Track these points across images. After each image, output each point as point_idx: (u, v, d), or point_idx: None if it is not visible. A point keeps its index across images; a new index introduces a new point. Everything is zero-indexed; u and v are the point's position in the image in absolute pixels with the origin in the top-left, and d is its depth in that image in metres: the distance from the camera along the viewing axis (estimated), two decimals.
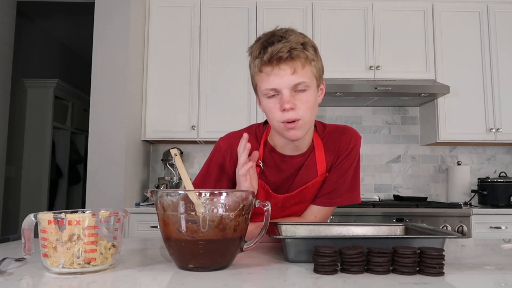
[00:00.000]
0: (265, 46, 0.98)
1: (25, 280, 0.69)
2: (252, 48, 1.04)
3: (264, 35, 1.03)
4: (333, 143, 1.16)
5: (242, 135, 1.10)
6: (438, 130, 2.98)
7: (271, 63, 0.97)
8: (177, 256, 0.76)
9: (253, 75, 1.05)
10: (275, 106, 1.00)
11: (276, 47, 0.96)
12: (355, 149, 1.17)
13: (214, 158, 1.18)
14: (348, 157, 1.16)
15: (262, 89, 1.01)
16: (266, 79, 0.99)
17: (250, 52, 1.05)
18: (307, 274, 0.73)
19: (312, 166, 1.15)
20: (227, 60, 3.02)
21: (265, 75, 1.00)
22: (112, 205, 2.55)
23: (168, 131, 2.98)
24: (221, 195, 0.75)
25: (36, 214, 0.73)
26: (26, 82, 4.34)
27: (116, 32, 2.74)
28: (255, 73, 1.03)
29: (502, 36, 3.06)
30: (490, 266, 0.82)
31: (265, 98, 1.03)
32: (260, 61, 0.99)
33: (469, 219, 2.59)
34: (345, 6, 3.07)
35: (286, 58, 0.96)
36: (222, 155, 1.16)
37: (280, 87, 0.98)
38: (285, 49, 0.96)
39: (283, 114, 0.99)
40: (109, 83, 2.70)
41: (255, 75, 1.03)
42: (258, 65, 1.00)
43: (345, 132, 1.18)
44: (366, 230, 1.03)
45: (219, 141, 1.20)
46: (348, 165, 1.16)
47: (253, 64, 1.03)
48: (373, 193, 3.25)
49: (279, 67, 0.97)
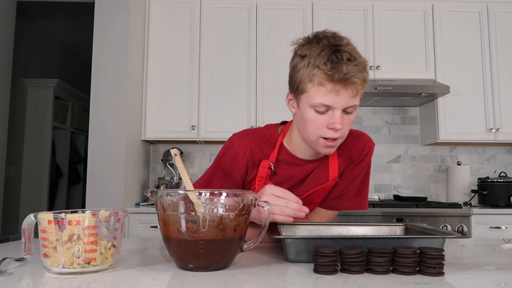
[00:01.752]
0: (335, 61, 0.92)
1: (25, 280, 0.69)
2: (311, 51, 0.96)
3: (326, 39, 0.96)
4: (346, 148, 1.15)
5: (257, 134, 1.11)
6: (438, 130, 2.98)
7: (338, 82, 0.92)
8: (177, 256, 0.76)
9: (303, 79, 0.97)
10: (323, 122, 0.97)
11: (350, 68, 0.91)
12: (368, 157, 1.16)
13: (225, 155, 1.14)
14: (360, 164, 1.16)
15: (315, 102, 0.96)
16: (324, 94, 0.94)
17: (305, 53, 0.97)
18: (307, 274, 0.73)
19: (324, 170, 1.14)
20: (227, 60, 3.02)
21: (324, 90, 0.94)
22: (112, 205, 2.55)
23: (168, 131, 2.98)
24: (221, 195, 0.75)
25: (36, 214, 0.73)
26: (26, 82, 4.34)
27: (116, 32, 2.74)
28: (309, 80, 0.96)
29: (502, 36, 3.06)
30: (490, 266, 0.82)
31: (312, 110, 0.98)
32: (324, 73, 0.93)
33: (469, 219, 2.59)
34: (345, 6, 3.07)
35: (354, 83, 0.93)
36: (235, 151, 1.12)
37: (336, 107, 0.95)
38: (359, 75, 0.93)
39: (328, 132, 0.98)
40: (109, 83, 2.70)
41: (309, 83, 0.96)
42: (320, 76, 0.93)
43: (360, 139, 1.17)
44: (366, 230, 1.03)
45: (233, 137, 1.16)
46: (359, 171, 1.16)
47: (308, 69, 0.95)
48: (373, 193, 3.24)
49: (345, 88, 0.93)
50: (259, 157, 1.12)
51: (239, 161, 1.12)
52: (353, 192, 1.17)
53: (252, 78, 3.00)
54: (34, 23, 4.44)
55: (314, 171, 1.14)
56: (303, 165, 1.13)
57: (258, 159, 1.12)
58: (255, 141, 1.13)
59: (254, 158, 1.12)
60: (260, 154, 1.12)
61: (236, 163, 1.12)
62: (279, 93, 2.96)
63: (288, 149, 1.13)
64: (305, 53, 0.97)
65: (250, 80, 3.00)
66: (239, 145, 1.12)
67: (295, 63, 1.01)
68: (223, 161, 1.14)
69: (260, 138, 1.14)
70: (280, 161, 1.13)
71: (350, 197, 1.17)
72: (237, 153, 1.12)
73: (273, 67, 3.00)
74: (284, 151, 1.13)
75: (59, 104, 4.77)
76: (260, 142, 1.13)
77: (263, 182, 1.11)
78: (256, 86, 2.99)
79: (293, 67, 1.01)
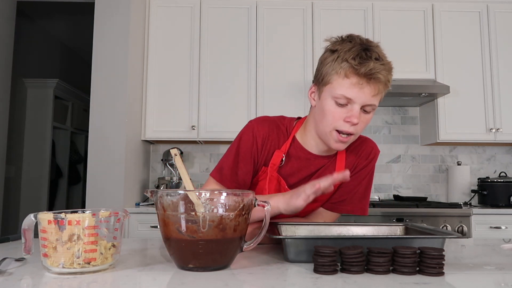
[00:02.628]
0: (364, 57, 0.96)
1: (25, 280, 0.69)
2: (342, 46, 1.00)
3: (359, 39, 1.00)
4: (354, 150, 1.18)
5: (274, 120, 1.15)
6: (438, 130, 2.98)
7: (363, 76, 0.96)
8: (177, 256, 0.76)
9: (329, 71, 1.01)
10: (341, 114, 1.01)
11: (376, 66, 0.96)
12: (373, 162, 1.20)
13: (243, 138, 1.15)
14: (365, 168, 1.19)
15: (337, 93, 0.99)
16: (347, 87, 0.98)
17: (336, 48, 1.00)
18: (307, 274, 0.73)
19: (331, 169, 1.16)
20: (227, 60, 3.02)
21: (348, 82, 0.98)
22: (112, 205, 2.55)
23: (168, 131, 2.98)
24: (221, 195, 0.75)
25: (36, 214, 0.73)
26: (26, 82, 4.34)
27: (116, 32, 2.74)
28: (335, 72, 0.99)
29: (502, 36, 3.06)
30: (490, 266, 0.82)
31: (332, 101, 1.01)
32: (351, 67, 0.97)
33: (469, 219, 2.59)
34: (345, 6, 3.07)
35: (378, 80, 0.97)
36: (254, 135, 1.13)
37: (356, 101, 0.99)
38: (385, 73, 0.97)
39: (344, 124, 1.01)
40: (109, 83, 2.70)
41: (334, 75, 1.00)
42: (347, 69, 0.97)
43: (367, 143, 1.20)
44: (366, 230, 1.03)
45: (250, 122, 1.17)
46: (363, 175, 1.19)
47: (337, 62, 0.99)
48: (373, 193, 3.24)
49: (368, 84, 0.97)
50: (274, 144, 1.15)
51: (258, 145, 1.14)
52: (357, 196, 1.19)
53: (252, 78, 3.00)
54: (34, 23, 4.44)
55: (321, 168, 1.16)
56: (312, 159, 1.15)
57: (273, 146, 1.14)
58: (273, 128, 1.16)
59: (270, 144, 1.14)
60: (275, 141, 1.15)
61: (256, 147, 1.13)
62: (279, 93, 2.97)
63: (300, 143, 1.16)
64: (336, 48, 1.01)
65: (250, 80, 3.00)
66: (258, 129, 1.14)
67: (324, 57, 1.04)
68: (243, 146, 1.14)
69: (277, 127, 1.16)
70: (291, 153, 1.15)
71: (355, 200, 1.19)
72: (256, 137, 1.14)
73: (273, 67, 3.00)
74: (295, 144, 1.15)
75: (59, 104, 4.77)
76: (277, 130, 1.16)
77: (271, 174, 1.14)
78: (256, 86, 2.99)
79: (322, 60, 1.05)
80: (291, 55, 3.00)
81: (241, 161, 1.14)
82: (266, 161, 1.15)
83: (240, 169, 1.13)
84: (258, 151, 1.14)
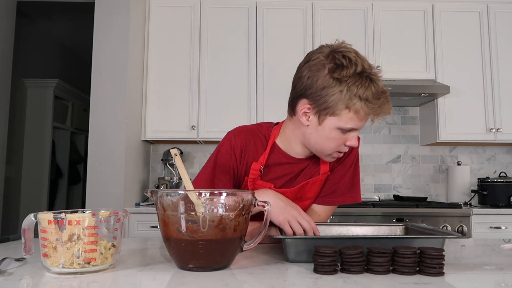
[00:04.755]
0: (375, 95, 0.98)
1: (25, 280, 0.69)
2: (355, 81, 0.97)
3: (368, 67, 0.99)
4: None
5: (252, 129, 1.15)
6: (438, 130, 2.98)
7: (374, 115, 1.01)
8: (177, 256, 0.76)
9: (337, 103, 0.98)
10: (343, 140, 1.05)
11: (386, 107, 1.01)
12: (355, 150, 1.21)
13: (221, 150, 1.16)
14: (349, 157, 1.20)
15: (346, 126, 1.01)
16: (357, 120, 1.01)
17: (340, 77, 0.97)
18: (307, 274, 0.73)
19: (316, 166, 1.18)
20: (227, 60, 3.02)
21: (358, 117, 1.00)
22: (112, 205, 2.55)
23: (168, 131, 2.98)
24: (221, 195, 0.75)
25: (36, 214, 0.73)
26: (26, 82, 4.34)
27: (116, 32, 2.74)
28: (345, 107, 0.98)
29: (502, 36, 3.06)
30: (490, 266, 0.82)
31: (338, 131, 1.02)
32: (365, 106, 0.98)
33: (469, 219, 2.59)
34: (345, 6, 3.07)
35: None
36: (232, 147, 1.15)
37: (359, 128, 1.05)
38: (390, 112, 1.03)
39: (344, 147, 1.07)
40: (109, 83, 2.70)
41: (345, 109, 0.98)
42: (359, 106, 0.97)
43: None
44: (366, 230, 1.03)
45: (228, 135, 1.18)
46: (348, 165, 1.20)
47: (347, 96, 0.97)
48: (373, 193, 3.25)
49: (375, 118, 1.03)
50: (252, 154, 1.15)
51: (236, 156, 1.15)
52: (345, 186, 1.20)
53: (252, 78, 3.00)
54: (34, 23, 4.44)
55: (305, 168, 1.18)
56: (295, 163, 1.17)
57: (251, 156, 1.15)
58: (250, 138, 1.16)
59: (248, 154, 1.15)
60: (253, 151, 1.15)
61: (234, 159, 1.15)
62: (279, 93, 2.96)
63: (281, 148, 1.16)
64: (340, 76, 0.97)
65: (250, 80, 3.00)
66: (236, 141, 1.15)
67: (327, 84, 0.98)
68: (220, 158, 1.15)
69: (255, 135, 1.17)
70: (273, 161, 1.16)
71: (344, 191, 1.20)
72: (234, 148, 1.15)
73: (273, 67, 3.00)
74: (277, 150, 1.16)
75: (59, 104, 4.77)
76: (254, 140, 1.17)
77: (254, 183, 1.14)
78: (256, 86, 2.99)
79: (324, 86, 0.98)
80: (291, 55, 3.00)
81: (219, 173, 1.14)
82: (246, 172, 1.16)
83: (219, 181, 1.14)
84: (237, 163, 1.15)
